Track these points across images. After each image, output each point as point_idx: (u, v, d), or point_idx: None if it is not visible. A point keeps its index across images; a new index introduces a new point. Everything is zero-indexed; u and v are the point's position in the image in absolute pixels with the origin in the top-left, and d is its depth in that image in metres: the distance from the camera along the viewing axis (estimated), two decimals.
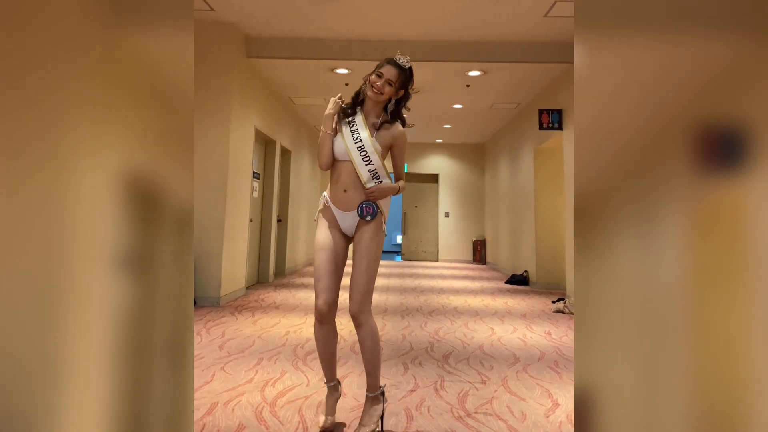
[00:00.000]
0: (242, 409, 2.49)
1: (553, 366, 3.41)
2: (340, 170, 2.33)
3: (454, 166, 13.04)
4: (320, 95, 8.21)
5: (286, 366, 3.25)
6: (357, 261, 2.30)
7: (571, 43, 6.14)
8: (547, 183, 7.98)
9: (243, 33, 6.07)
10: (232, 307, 5.43)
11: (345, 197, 2.31)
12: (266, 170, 7.95)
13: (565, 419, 2.45)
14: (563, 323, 4.99)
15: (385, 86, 2.30)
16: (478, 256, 12.34)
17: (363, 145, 2.30)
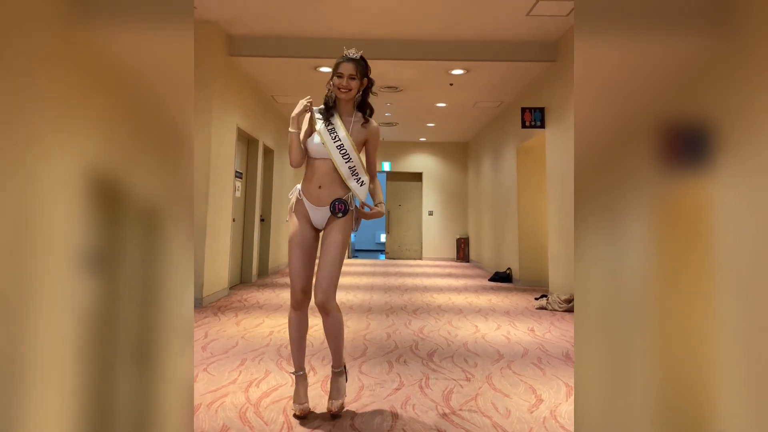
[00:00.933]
0: (226, 410, 2.47)
1: (537, 362, 3.44)
2: (316, 167, 2.46)
3: (438, 164, 13.08)
4: (303, 94, 8.11)
5: (270, 366, 3.23)
6: (325, 253, 2.43)
7: (553, 42, 6.19)
8: (529, 181, 8.04)
9: (225, 31, 6.02)
10: (215, 308, 5.39)
11: (319, 193, 2.45)
12: (249, 169, 7.89)
13: (549, 414, 2.47)
14: (546, 320, 5.04)
15: (350, 82, 2.44)
16: (462, 254, 12.39)
17: (342, 144, 2.44)
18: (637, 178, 1.30)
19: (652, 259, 1.30)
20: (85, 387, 1.20)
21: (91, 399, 1.21)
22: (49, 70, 1.16)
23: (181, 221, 1.36)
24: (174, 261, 1.35)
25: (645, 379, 1.29)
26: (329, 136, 2.45)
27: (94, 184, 1.24)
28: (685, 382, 1.26)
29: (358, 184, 2.48)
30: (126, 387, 1.27)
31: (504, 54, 6.27)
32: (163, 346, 1.33)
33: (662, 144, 1.28)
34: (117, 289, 1.28)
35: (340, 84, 2.45)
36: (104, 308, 1.24)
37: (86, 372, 1.20)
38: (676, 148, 1.27)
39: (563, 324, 4.84)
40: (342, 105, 2.53)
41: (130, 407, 1.27)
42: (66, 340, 1.16)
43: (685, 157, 1.27)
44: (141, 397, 1.29)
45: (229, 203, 6.47)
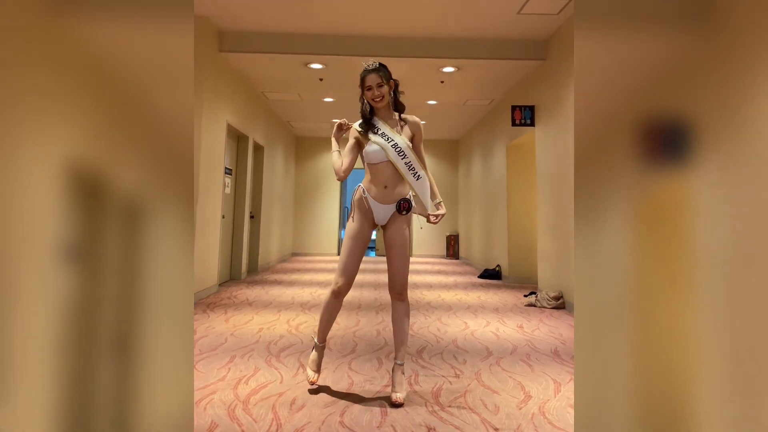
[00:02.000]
0: (215, 407, 2.46)
1: (525, 359, 3.46)
2: (379, 170, 2.71)
3: (428, 161, 12.96)
4: (294, 90, 8.14)
5: (259, 363, 3.22)
6: (396, 250, 2.72)
7: (543, 40, 6.21)
8: (519, 178, 8.07)
9: (215, 27, 5.98)
10: (204, 305, 5.36)
11: (385, 192, 2.71)
12: (239, 166, 7.85)
13: (537, 411, 2.49)
14: (535, 317, 5.06)
15: (380, 90, 2.68)
16: (452, 251, 12.43)
17: (396, 143, 2.69)
18: (634, 173, 1.31)
19: (644, 255, 1.31)
20: (70, 382, 1.19)
21: (73, 393, 1.20)
22: (34, 65, 1.14)
23: (181, 215, 1.36)
24: (175, 255, 1.35)
25: (618, 375, 1.30)
26: (383, 140, 2.69)
27: (84, 179, 1.23)
28: (660, 378, 1.28)
29: (415, 179, 2.74)
30: (107, 382, 1.27)
31: (495, 52, 6.28)
32: (162, 340, 1.32)
33: (659, 140, 1.29)
34: (112, 284, 1.27)
35: (372, 96, 2.70)
36: (97, 304, 1.23)
37: (69, 367, 1.19)
38: (655, 145, 1.28)
39: (552, 321, 4.87)
40: (381, 112, 2.77)
41: (112, 402, 1.27)
42: (46, 336, 1.15)
43: (662, 154, 1.28)
44: (139, 393, 1.29)
45: (218, 200, 6.44)
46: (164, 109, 1.34)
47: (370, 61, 2.73)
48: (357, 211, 2.75)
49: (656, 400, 1.27)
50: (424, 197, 2.76)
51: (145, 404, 1.29)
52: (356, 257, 2.72)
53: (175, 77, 1.33)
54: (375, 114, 2.77)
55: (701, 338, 1.23)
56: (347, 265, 2.70)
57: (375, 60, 2.73)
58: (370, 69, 2.68)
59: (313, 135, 12.47)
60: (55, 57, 1.19)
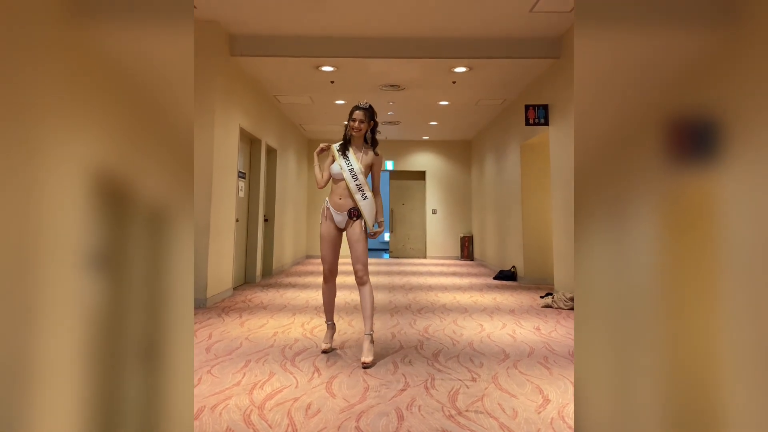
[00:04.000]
0: (230, 413, 2.45)
1: (543, 361, 3.41)
2: (337, 185, 3.57)
3: (441, 162, 13.04)
4: (305, 93, 8.15)
5: (274, 367, 3.21)
6: (354, 244, 3.51)
7: (556, 38, 6.15)
8: (533, 178, 7.99)
9: (226, 31, 6.00)
10: (219, 309, 5.37)
11: (340, 203, 3.56)
12: (252, 170, 7.87)
13: (557, 415, 2.44)
14: (552, 318, 5.00)
15: (361, 125, 3.51)
16: (466, 253, 12.35)
17: (353, 168, 3.51)
18: (639, 174, 1.27)
19: (656, 256, 1.27)
20: (89, 387, 1.18)
21: (95, 399, 1.19)
22: (50, 70, 1.14)
23: (182, 220, 1.34)
24: (175, 259, 1.34)
25: (647, 378, 1.26)
26: (344, 162, 3.52)
27: (96, 183, 1.22)
28: (689, 381, 1.24)
29: (361, 197, 3.50)
30: (130, 386, 1.26)
31: (507, 51, 6.23)
32: (165, 345, 1.31)
33: (664, 140, 1.26)
34: (120, 289, 1.26)
35: (353, 126, 3.51)
36: (108, 308, 1.22)
37: (91, 372, 1.18)
38: (678, 144, 1.25)
39: (569, 322, 4.80)
40: (355, 140, 3.58)
41: (134, 406, 1.26)
42: (69, 341, 1.14)
43: (687, 153, 1.24)
44: (144, 396, 1.28)
45: (232, 203, 6.45)
46: (165, 113, 1.33)
47: (364, 101, 3.58)
48: (323, 218, 3.61)
49: (680, 407, 1.23)
50: (366, 214, 3.50)
51: (169, 410, 1.28)
52: (331, 250, 3.57)
53: (176, 81, 1.33)
54: (351, 141, 3.56)
55: (723, 341, 1.19)
56: (325, 257, 3.58)
57: (368, 103, 3.56)
58: (360, 107, 3.51)
59: (325, 137, 12.48)
60: (75, 63, 1.18)
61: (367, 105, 3.55)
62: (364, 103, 3.54)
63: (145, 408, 1.27)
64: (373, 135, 3.60)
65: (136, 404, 1.26)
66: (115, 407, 1.23)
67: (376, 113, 3.61)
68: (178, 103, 1.34)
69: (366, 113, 3.51)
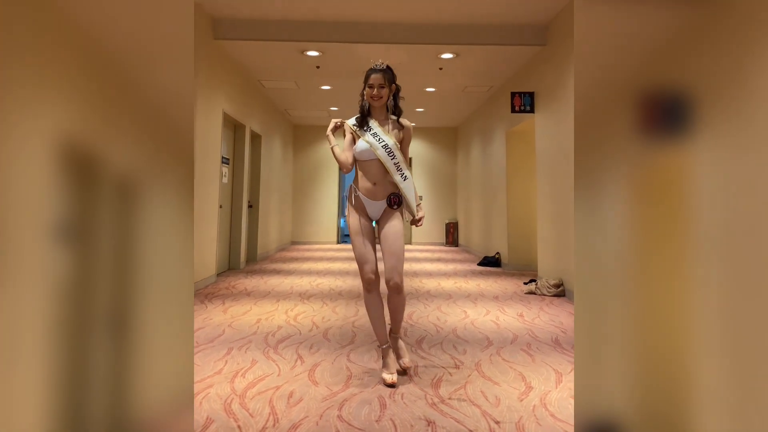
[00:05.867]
0: (210, 402, 2.43)
1: (526, 348, 3.43)
2: (367, 168, 2.83)
3: (427, 149, 13.01)
4: (291, 78, 8.05)
5: (256, 355, 3.19)
6: (390, 241, 2.79)
7: (543, 26, 6.12)
8: (518, 165, 8.00)
9: (209, 14, 5.89)
10: (202, 295, 5.33)
11: (375, 189, 2.82)
12: (236, 155, 7.78)
13: (539, 402, 2.45)
14: (535, 305, 5.03)
15: (380, 91, 2.81)
16: (451, 239, 12.39)
17: (386, 144, 2.79)
18: (635, 148, 1.26)
19: (644, 234, 1.27)
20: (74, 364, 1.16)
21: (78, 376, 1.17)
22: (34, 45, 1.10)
23: (181, 197, 1.32)
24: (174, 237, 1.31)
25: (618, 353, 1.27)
26: (373, 138, 2.80)
27: (79, 159, 1.18)
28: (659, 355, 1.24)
29: (402, 179, 2.81)
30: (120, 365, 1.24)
31: (494, 38, 6.18)
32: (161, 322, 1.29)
33: (660, 114, 1.25)
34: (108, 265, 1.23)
35: (371, 94, 2.82)
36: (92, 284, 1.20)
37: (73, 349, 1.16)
38: (672, 117, 1.24)
39: (552, 309, 4.84)
40: (376, 111, 2.89)
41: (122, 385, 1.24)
42: (47, 318, 1.11)
43: (680, 127, 1.23)
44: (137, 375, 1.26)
45: (215, 189, 6.38)
46: (163, 89, 1.30)
47: (379, 61, 2.86)
48: (352, 209, 2.88)
49: (657, 388, 1.23)
50: (410, 198, 2.85)
51: (144, 387, 1.26)
52: (369, 246, 2.84)
53: (174, 56, 1.29)
54: (371, 112, 2.89)
55: (702, 321, 1.19)
56: (363, 255, 2.82)
57: (383, 62, 2.86)
58: (377, 69, 2.82)
59: (310, 123, 12.37)
60: (48, 37, 1.13)
61: (384, 65, 2.86)
62: (380, 64, 2.85)
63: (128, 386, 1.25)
64: (395, 102, 2.91)
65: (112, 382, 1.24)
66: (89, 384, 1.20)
67: (395, 75, 2.94)
68: (176, 78, 1.30)
69: (385, 75, 2.82)
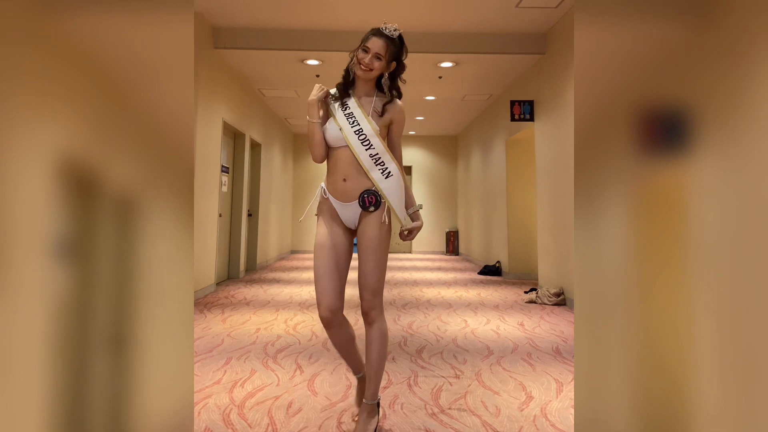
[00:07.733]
0: (209, 412, 2.41)
1: (527, 358, 3.41)
2: (337, 158, 2.11)
3: (427, 158, 13.03)
4: (291, 87, 8.07)
5: (255, 365, 3.17)
6: (363, 256, 2.12)
7: (542, 34, 6.14)
8: (518, 174, 8.01)
9: (209, 23, 5.91)
10: (201, 305, 5.31)
11: (344, 187, 2.09)
12: (236, 164, 7.79)
13: (539, 412, 2.43)
14: (536, 314, 5.01)
15: (374, 61, 2.07)
16: (451, 248, 12.37)
17: (361, 128, 2.08)
18: (634, 163, 1.26)
19: (644, 246, 1.27)
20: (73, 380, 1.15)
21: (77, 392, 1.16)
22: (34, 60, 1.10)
23: (180, 211, 1.31)
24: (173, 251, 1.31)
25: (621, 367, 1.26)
26: (346, 121, 2.10)
27: (79, 174, 1.18)
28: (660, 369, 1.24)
29: (383, 176, 2.08)
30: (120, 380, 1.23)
31: (493, 46, 6.21)
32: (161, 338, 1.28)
33: (659, 129, 1.25)
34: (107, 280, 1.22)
35: (362, 59, 2.07)
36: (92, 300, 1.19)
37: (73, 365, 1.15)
38: (671, 133, 1.24)
39: (553, 318, 4.82)
40: (360, 84, 2.17)
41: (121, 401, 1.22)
42: (46, 334, 1.10)
43: (680, 143, 1.23)
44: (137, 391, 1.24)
45: (215, 198, 6.38)
46: (163, 103, 1.29)
47: (393, 26, 2.09)
48: (321, 215, 2.19)
49: (658, 395, 1.22)
50: (395, 202, 2.11)
51: (143, 403, 1.25)
52: (332, 267, 2.10)
53: (174, 70, 1.29)
54: (355, 84, 2.19)
55: (703, 331, 1.18)
56: (322, 286, 2.08)
57: (399, 30, 2.11)
58: (382, 32, 2.08)
59: None
60: (48, 52, 1.13)
61: (395, 33, 2.09)
62: (392, 29, 2.09)
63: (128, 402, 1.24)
64: (393, 83, 2.19)
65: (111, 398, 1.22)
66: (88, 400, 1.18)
67: (406, 51, 2.17)
68: (176, 93, 1.30)
69: (388, 45, 2.07)
